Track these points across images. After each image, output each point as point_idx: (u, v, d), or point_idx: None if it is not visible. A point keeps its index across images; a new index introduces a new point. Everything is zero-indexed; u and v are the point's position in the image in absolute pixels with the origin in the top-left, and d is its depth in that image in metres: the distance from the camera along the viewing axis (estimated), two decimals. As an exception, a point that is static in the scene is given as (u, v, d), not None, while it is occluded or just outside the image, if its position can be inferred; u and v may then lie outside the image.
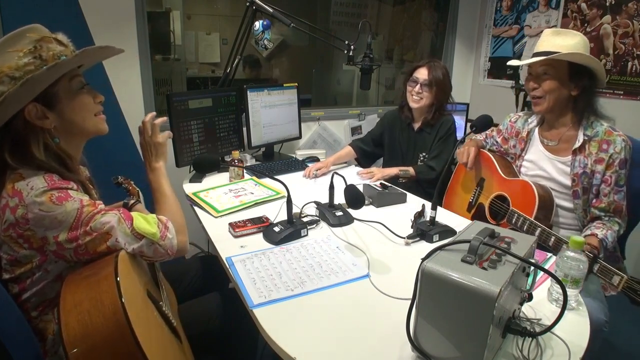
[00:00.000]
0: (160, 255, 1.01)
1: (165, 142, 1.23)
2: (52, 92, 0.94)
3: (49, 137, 0.95)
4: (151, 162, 1.20)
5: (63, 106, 0.96)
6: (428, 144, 2.11)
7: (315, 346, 0.84)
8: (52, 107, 0.95)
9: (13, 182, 0.88)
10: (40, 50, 0.90)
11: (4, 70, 0.87)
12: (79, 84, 1.00)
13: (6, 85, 0.87)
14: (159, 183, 1.18)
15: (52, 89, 0.93)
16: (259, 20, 2.10)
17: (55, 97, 0.95)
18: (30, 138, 0.92)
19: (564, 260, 0.97)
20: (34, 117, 0.92)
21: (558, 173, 1.50)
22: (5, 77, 0.87)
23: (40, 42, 0.91)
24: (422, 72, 2.03)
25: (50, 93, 0.93)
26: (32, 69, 0.88)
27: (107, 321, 0.75)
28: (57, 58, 0.91)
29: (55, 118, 0.95)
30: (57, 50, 0.92)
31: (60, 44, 0.95)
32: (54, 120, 0.95)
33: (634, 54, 2.28)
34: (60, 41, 0.96)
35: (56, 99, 0.95)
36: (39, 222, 0.86)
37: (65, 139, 0.99)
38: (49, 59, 0.90)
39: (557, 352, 0.83)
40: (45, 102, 0.93)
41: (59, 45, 0.94)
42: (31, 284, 0.92)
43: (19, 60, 0.88)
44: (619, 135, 1.40)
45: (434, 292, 0.75)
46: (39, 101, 0.92)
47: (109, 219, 0.93)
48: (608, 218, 1.43)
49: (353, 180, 1.78)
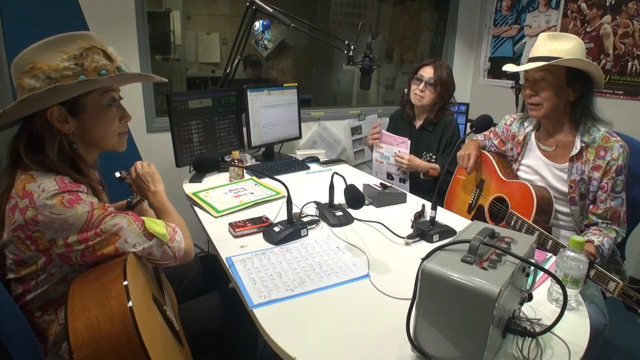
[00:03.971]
0: (168, 258, 1.01)
1: (155, 169, 1.27)
2: (80, 102, 0.94)
3: (65, 141, 0.95)
4: (150, 188, 1.23)
5: (86, 117, 0.97)
6: (431, 143, 2.12)
7: (315, 346, 0.84)
8: (75, 115, 0.95)
9: (24, 182, 0.88)
10: (84, 59, 0.91)
11: (43, 67, 0.88)
12: (110, 99, 1.00)
13: (39, 82, 0.87)
14: (162, 204, 1.22)
15: (81, 99, 0.94)
16: (259, 20, 2.10)
17: (82, 107, 0.95)
18: (47, 137, 0.93)
19: (564, 260, 0.97)
20: (55, 119, 0.92)
21: (555, 179, 1.49)
22: (41, 73, 0.87)
23: (87, 50, 0.92)
24: (428, 70, 2.05)
25: (78, 102, 0.94)
26: (69, 75, 0.89)
27: (115, 326, 0.75)
28: (97, 71, 0.92)
29: (76, 125, 0.96)
30: (101, 63, 0.93)
31: (108, 57, 0.95)
32: (74, 126, 0.96)
33: (634, 54, 2.28)
34: (109, 55, 0.96)
35: (82, 108, 0.95)
36: (48, 224, 0.86)
37: (82, 146, 1.00)
38: (89, 70, 0.91)
39: (557, 352, 0.83)
40: (71, 108, 0.94)
41: (105, 58, 0.94)
42: (35, 285, 0.92)
43: (61, 62, 0.89)
44: (616, 141, 1.38)
45: (434, 292, 0.75)
46: (65, 105, 0.92)
47: (119, 221, 0.93)
48: (605, 225, 1.42)
49: (353, 180, 1.78)
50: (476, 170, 1.75)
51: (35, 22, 1.72)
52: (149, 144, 2.25)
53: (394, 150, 2.10)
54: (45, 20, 1.32)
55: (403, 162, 2.04)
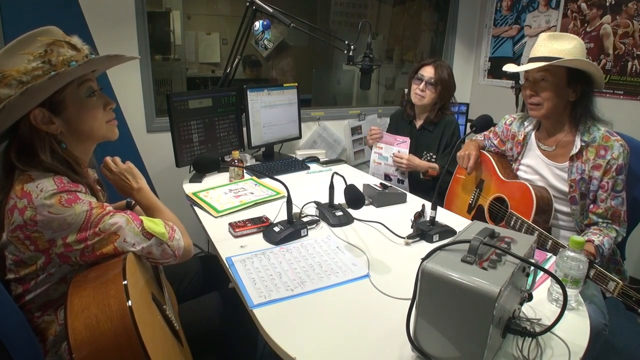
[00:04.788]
0: (168, 256, 1.01)
1: (132, 165, 1.22)
2: (59, 99, 0.92)
3: (55, 142, 0.94)
4: (133, 185, 1.19)
5: (70, 113, 0.95)
6: (432, 143, 2.12)
7: (315, 346, 0.84)
8: (58, 113, 0.93)
9: (22, 183, 0.88)
10: (50, 55, 0.88)
11: (13, 73, 0.86)
12: (89, 90, 0.97)
13: (13, 89, 0.86)
14: (149, 200, 1.18)
15: (58, 96, 0.92)
16: (259, 20, 2.10)
17: (62, 104, 0.93)
18: (37, 142, 0.91)
19: (564, 260, 0.97)
20: (39, 122, 0.91)
21: (555, 179, 1.49)
22: (13, 80, 0.86)
23: (51, 46, 0.89)
24: (429, 70, 2.06)
25: (56, 99, 0.92)
26: (40, 74, 0.87)
27: (115, 326, 0.75)
28: (67, 64, 0.89)
29: (62, 124, 0.94)
30: (68, 55, 0.90)
31: (73, 48, 0.93)
32: (60, 125, 0.94)
33: (634, 54, 2.28)
34: (74, 45, 0.93)
35: (63, 105, 0.93)
36: (47, 224, 0.86)
37: (73, 144, 0.99)
38: (58, 65, 0.88)
39: (557, 352, 0.83)
40: (52, 107, 0.92)
41: (71, 49, 0.92)
42: (35, 286, 0.92)
43: (28, 64, 0.86)
44: (616, 141, 1.38)
45: (434, 292, 0.75)
46: (46, 106, 0.91)
47: (117, 220, 0.93)
48: (605, 224, 1.42)
49: (353, 180, 1.77)
50: (476, 170, 1.75)
51: (35, 22, 1.72)
52: (149, 144, 2.26)
53: (393, 151, 2.10)
54: (45, 20, 1.31)
55: (402, 162, 2.04)
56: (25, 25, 0.93)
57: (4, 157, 0.93)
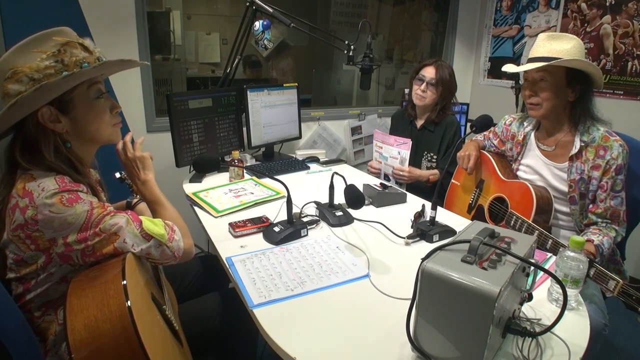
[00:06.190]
0: (167, 257, 1.01)
1: (148, 155, 1.19)
2: (68, 98, 0.93)
3: (60, 141, 0.95)
4: (140, 176, 1.17)
5: (77, 113, 0.96)
6: (433, 143, 2.12)
7: (315, 346, 0.84)
8: (66, 113, 0.94)
9: (24, 182, 0.88)
10: (63, 55, 0.90)
11: (25, 70, 0.87)
12: (97, 92, 0.99)
13: (24, 85, 0.87)
14: (153, 194, 1.16)
15: (68, 95, 0.93)
16: (259, 20, 2.10)
17: (71, 104, 0.94)
18: (41, 139, 0.92)
19: (564, 260, 0.97)
20: (46, 120, 0.92)
21: (555, 179, 1.49)
22: (24, 77, 0.87)
23: (65, 46, 0.90)
24: (429, 70, 2.05)
25: (65, 99, 0.93)
26: (52, 73, 0.88)
27: (114, 326, 0.75)
28: (79, 65, 0.91)
29: (68, 123, 0.95)
30: (81, 56, 0.92)
31: (86, 50, 0.94)
32: (67, 125, 0.95)
33: (634, 54, 2.28)
34: (86, 47, 0.95)
35: (71, 105, 0.95)
36: (48, 223, 0.86)
37: (78, 144, 0.99)
38: (70, 65, 0.90)
39: (557, 352, 0.83)
40: (60, 106, 0.93)
41: (83, 51, 0.93)
42: (35, 285, 0.92)
43: (41, 62, 0.88)
44: (616, 141, 1.38)
45: (434, 292, 0.75)
46: (54, 104, 0.92)
47: (118, 220, 0.93)
48: (605, 224, 1.42)
49: (353, 180, 1.78)
50: (476, 170, 1.75)
51: (35, 22, 1.72)
52: (149, 144, 2.22)
53: (393, 152, 2.09)
54: (46, 20, 1.32)
55: (403, 176, 2.01)
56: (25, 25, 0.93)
57: (8, 154, 0.94)
